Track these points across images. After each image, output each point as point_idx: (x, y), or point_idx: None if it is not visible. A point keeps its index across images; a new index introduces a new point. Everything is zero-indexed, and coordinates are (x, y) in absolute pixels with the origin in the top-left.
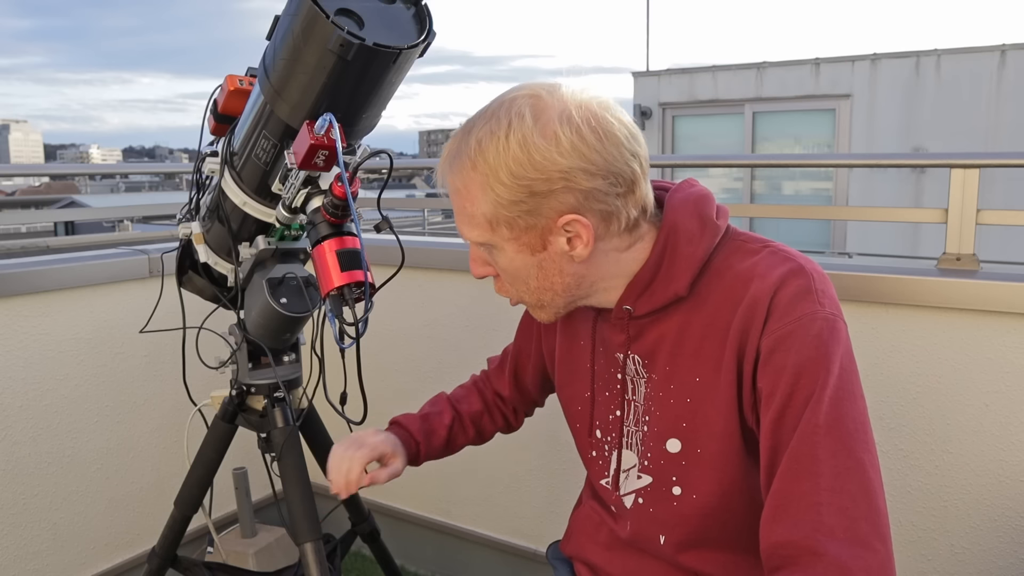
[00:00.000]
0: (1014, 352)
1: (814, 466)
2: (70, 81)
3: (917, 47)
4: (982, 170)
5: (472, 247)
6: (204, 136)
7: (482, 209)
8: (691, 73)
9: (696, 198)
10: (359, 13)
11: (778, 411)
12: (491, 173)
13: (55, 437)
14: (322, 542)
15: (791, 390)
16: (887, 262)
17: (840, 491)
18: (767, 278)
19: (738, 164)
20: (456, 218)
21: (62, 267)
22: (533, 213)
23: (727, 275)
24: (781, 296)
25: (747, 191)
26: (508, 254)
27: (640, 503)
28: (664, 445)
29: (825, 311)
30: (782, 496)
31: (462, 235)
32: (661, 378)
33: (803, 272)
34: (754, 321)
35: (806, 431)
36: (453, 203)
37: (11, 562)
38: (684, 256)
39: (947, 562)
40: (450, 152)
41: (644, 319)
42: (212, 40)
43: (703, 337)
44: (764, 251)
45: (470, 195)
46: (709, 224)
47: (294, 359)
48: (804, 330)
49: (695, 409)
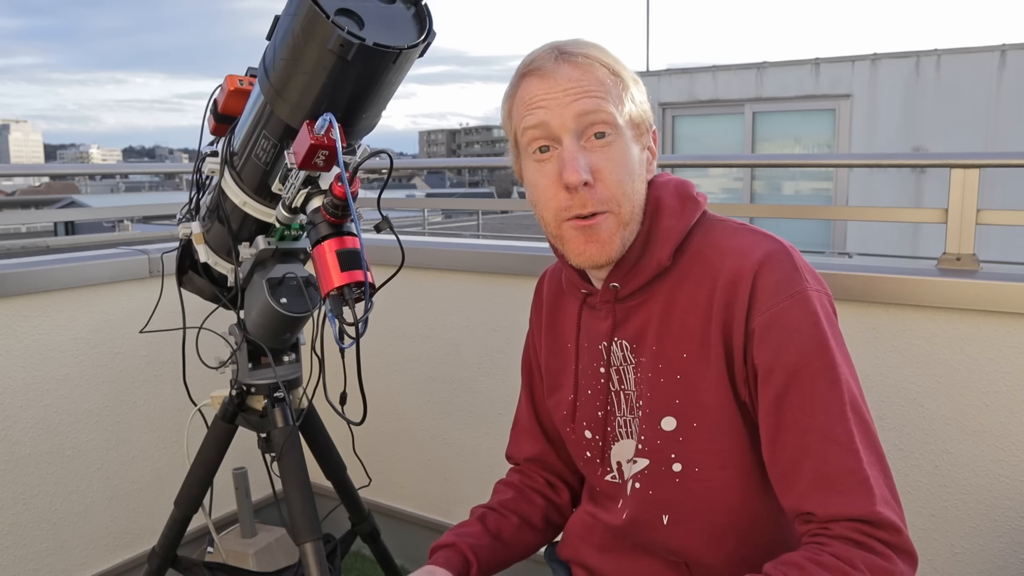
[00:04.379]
0: (1014, 352)
1: (851, 443)
2: (64, 81)
3: (917, 47)
4: (982, 170)
5: (572, 149)
6: (204, 136)
7: (617, 90)
8: (691, 73)
9: (676, 180)
10: (359, 13)
11: (781, 388)
12: (614, 64)
13: (55, 437)
14: (322, 542)
15: (795, 368)
16: (887, 262)
17: (876, 464)
18: (749, 255)
19: (738, 164)
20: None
21: (62, 267)
22: (642, 110)
23: (708, 251)
24: (767, 274)
25: (747, 191)
26: (625, 142)
27: (638, 488)
28: (659, 425)
29: (812, 287)
30: (824, 473)
31: (585, 109)
32: (649, 359)
33: (784, 250)
34: (738, 297)
35: (833, 409)
36: (578, 82)
37: (11, 562)
38: (666, 228)
39: (947, 562)
40: (558, 47)
41: (629, 301)
42: (206, 40)
43: (686, 312)
44: (742, 229)
45: (603, 76)
46: (689, 200)
47: (294, 359)
48: (798, 308)
49: (686, 384)
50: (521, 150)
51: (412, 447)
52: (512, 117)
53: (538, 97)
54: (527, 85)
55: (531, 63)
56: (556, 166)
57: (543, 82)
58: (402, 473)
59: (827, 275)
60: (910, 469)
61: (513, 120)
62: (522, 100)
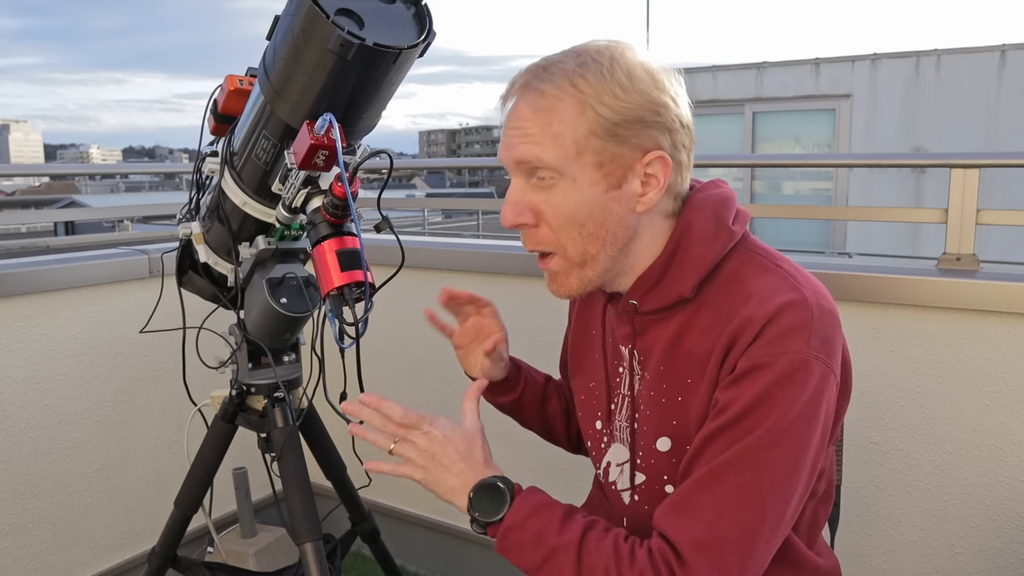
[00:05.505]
0: (1014, 352)
1: (720, 489)
2: (64, 81)
3: (917, 47)
4: (982, 170)
5: (516, 189)
6: (204, 136)
7: (573, 130)
8: (691, 73)
9: (716, 200)
10: (359, 13)
11: (719, 427)
12: (593, 95)
13: (55, 437)
14: (322, 542)
15: (738, 416)
16: (887, 262)
17: (728, 522)
18: (768, 302)
19: (738, 164)
20: (517, 141)
21: (62, 267)
22: (625, 143)
23: (734, 287)
24: (774, 326)
25: (747, 191)
26: (577, 187)
27: (636, 500)
28: (655, 444)
29: (809, 352)
30: (686, 497)
31: (522, 157)
32: (653, 378)
33: (804, 305)
34: (741, 339)
35: (732, 456)
36: (523, 124)
37: (11, 562)
38: (694, 257)
39: (947, 562)
40: (534, 71)
41: (649, 316)
42: (206, 40)
43: (697, 342)
44: (776, 270)
45: (559, 114)
46: (723, 229)
47: (294, 359)
48: (778, 366)
49: (685, 408)
50: None
51: None
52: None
53: (504, 129)
54: (503, 106)
55: (509, 83)
56: None
57: (505, 111)
58: None
59: (827, 275)
60: (910, 469)
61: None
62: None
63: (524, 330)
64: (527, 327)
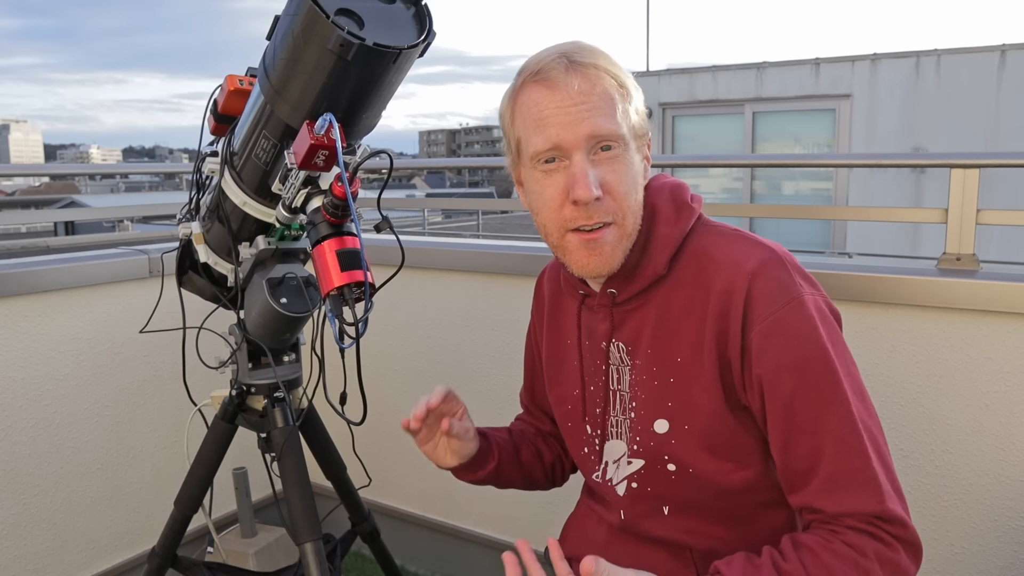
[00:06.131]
0: (1014, 352)
1: (858, 442)
2: (63, 81)
3: (917, 47)
4: (982, 170)
5: (582, 163)
6: (204, 136)
7: (624, 102)
8: (691, 73)
9: (672, 185)
10: (359, 13)
11: (788, 395)
12: (619, 73)
13: (55, 436)
14: (322, 542)
15: (799, 375)
16: (887, 262)
17: (880, 460)
18: (742, 266)
19: (738, 164)
20: (586, 115)
21: (62, 267)
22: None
23: (703, 258)
24: (761, 284)
25: (747, 191)
26: (631, 156)
27: (635, 487)
28: (652, 427)
29: (805, 291)
30: (834, 474)
31: (595, 131)
32: (644, 362)
33: (776, 257)
34: (732, 307)
35: (840, 412)
36: (589, 98)
37: (11, 562)
38: (662, 236)
39: (947, 562)
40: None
41: (626, 305)
42: (206, 40)
43: (681, 319)
44: (735, 236)
45: (614, 87)
46: (684, 207)
47: (294, 359)
48: (795, 314)
49: (679, 388)
50: (523, 158)
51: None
52: (515, 125)
53: (548, 112)
54: (533, 93)
55: (538, 70)
56: (564, 178)
57: (552, 94)
58: (402, 473)
59: (827, 275)
60: (910, 469)
61: (516, 128)
62: (528, 110)
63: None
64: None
